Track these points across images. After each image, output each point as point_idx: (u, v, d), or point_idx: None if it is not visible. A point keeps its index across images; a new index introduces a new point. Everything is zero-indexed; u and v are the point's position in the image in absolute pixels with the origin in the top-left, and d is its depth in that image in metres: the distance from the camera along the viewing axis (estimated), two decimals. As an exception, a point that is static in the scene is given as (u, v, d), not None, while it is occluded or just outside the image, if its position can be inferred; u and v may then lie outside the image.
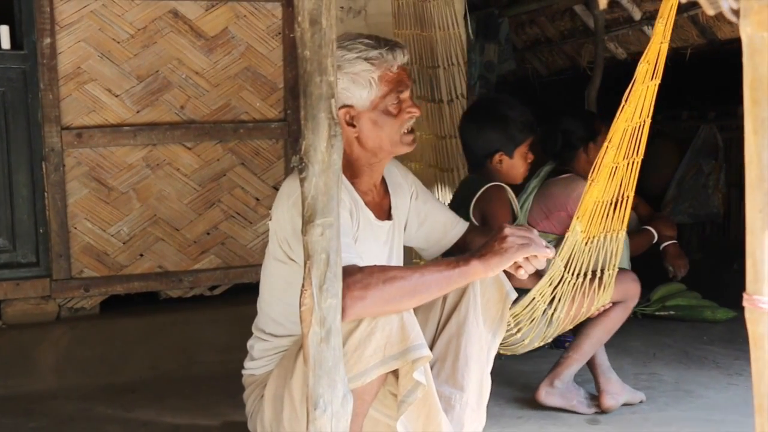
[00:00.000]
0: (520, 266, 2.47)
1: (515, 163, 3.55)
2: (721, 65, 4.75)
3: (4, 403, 3.71)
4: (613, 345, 3.58)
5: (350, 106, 2.60)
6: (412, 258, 3.61)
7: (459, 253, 2.86)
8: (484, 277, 2.44)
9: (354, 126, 2.61)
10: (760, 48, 1.36)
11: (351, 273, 2.23)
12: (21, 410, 3.61)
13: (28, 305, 4.11)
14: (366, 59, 2.57)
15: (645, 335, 4.61)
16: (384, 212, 2.78)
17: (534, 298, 3.02)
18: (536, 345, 3.28)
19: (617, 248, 3.14)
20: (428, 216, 2.96)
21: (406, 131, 2.66)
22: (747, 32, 1.37)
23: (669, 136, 6.78)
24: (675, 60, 5.66)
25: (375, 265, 2.34)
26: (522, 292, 3.15)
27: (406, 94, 2.65)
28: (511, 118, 3.58)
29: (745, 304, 1.48)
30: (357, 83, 2.58)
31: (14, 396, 3.79)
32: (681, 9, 5.23)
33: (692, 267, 4.59)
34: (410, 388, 2.40)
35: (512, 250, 2.34)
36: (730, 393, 3.66)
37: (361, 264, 2.33)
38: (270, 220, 2.65)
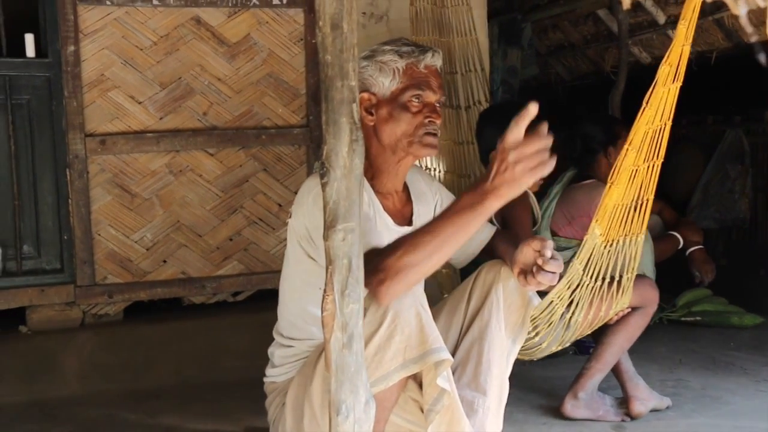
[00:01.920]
0: (532, 281, 2.48)
1: None
2: (747, 69, 4.71)
3: (29, 408, 3.74)
4: (638, 351, 3.55)
5: (372, 94, 2.62)
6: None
7: (488, 258, 2.84)
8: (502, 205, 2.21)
9: (372, 114, 2.62)
10: (785, 48, 1.34)
11: (368, 261, 2.23)
12: (45, 416, 3.63)
13: (52, 311, 4.14)
14: (397, 51, 2.62)
15: (671, 341, 4.58)
16: (405, 219, 2.76)
17: (552, 302, 3.00)
18: (554, 349, 3.25)
19: (636, 252, 3.11)
20: None
21: (424, 133, 2.63)
22: (772, 32, 1.35)
23: (694, 141, 6.73)
24: (700, 63, 5.63)
25: (389, 245, 2.28)
26: (540, 294, 3.13)
27: (430, 97, 2.64)
28: (511, 118, 3.56)
29: (771, 307, 1.47)
30: (382, 71, 2.61)
31: (39, 401, 3.81)
32: (706, 12, 5.20)
33: (718, 272, 4.55)
34: (436, 396, 2.39)
35: (526, 175, 2.12)
36: (758, 400, 3.62)
37: (381, 245, 2.33)
38: (290, 218, 2.65)
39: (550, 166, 2.13)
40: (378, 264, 2.25)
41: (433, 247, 2.23)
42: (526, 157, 2.12)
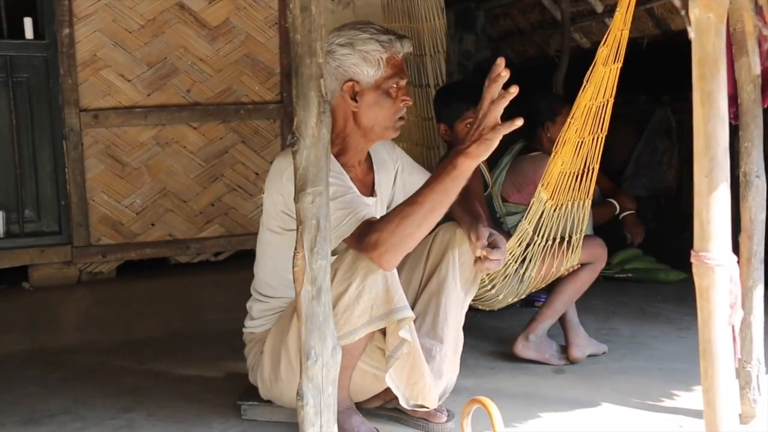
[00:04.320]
0: (481, 267, 2.49)
1: (459, 136, 3.47)
2: (674, 53, 4.73)
3: (32, 356, 3.71)
4: (576, 303, 3.57)
5: (357, 82, 2.57)
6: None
7: (446, 221, 2.84)
8: (476, 165, 2.21)
9: (356, 101, 2.58)
10: (706, 28, 1.35)
11: (366, 234, 2.24)
12: (47, 363, 3.60)
13: (52, 270, 4.11)
14: (378, 41, 2.55)
15: (605, 295, 4.62)
16: (368, 189, 2.75)
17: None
18: (510, 301, 3.27)
19: (584, 215, 3.14)
20: (413, 187, 2.90)
21: (398, 118, 2.62)
22: (695, 14, 1.35)
23: (627, 118, 6.76)
24: (632, 49, 5.63)
25: (382, 220, 2.28)
26: None
27: (403, 83, 2.63)
28: (454, 92, 3.57)
29: (692, 260, 1.48)
30: (367, 61, 2.55)
31: (41, 350, 3.78)
32: (639, 2, 5.20)
33: (648, 234, 4.60)
34: (397, 344, 2.41)
35: (490, 132, 2.12)
36: (680, 345, 3.67)
37: (372, 214, 2.35)
38: (263, 194, 2.63)
39: (516, 122, 2.12)
40: (376, 239, 2.24)
41: (422, 215, 2.22)
42: (493, 116, 2.12)
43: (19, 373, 3.48)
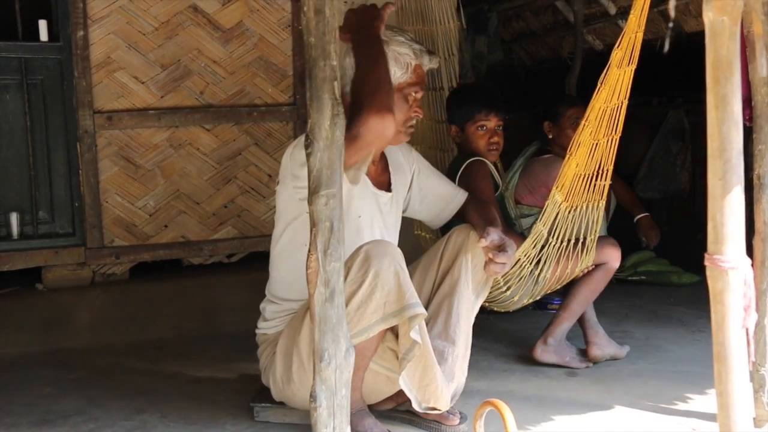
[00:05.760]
0: (489, 270, 2.55)
1: (470, 138, 3.47)
2: (688, 55, 4.72)
3: (46, 357, 3.73)
4: (593, 304, 3.56)
5: None
6: (414, 230, 3.59)
7: (462, 221, 2.86)
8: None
9: None
10: (720, 31, 1.35)
11: (354, 125, 2.33)
12: (61, 364, 3.63)
13: (65, 271, 4.12)
14: (411, 48, 2.63)
15: (619, 297, 4.60)
16: (383, 185, 2.76)
17: (519, 259, 3.02)
18: (525, 302, 3.27)
19: (598, 216, 3.14)
20: (429, 191, 2.95)
21: (409, 125, 2.67)
22: (709, 17, 1.36)
23: (640, 120, 6.73)
24: (646, 50, 5.62)
25: (353, 114, 2.34)
26: None
27: (420, 95, 2.67)
28: (466, 95, 3.56)
29: (706, 263, 1.48)
30: (398, 62, 2.60)
31: (55, 351, 3.80)
32: (652, 4, 5.19)
33: (661, 237, 4.58)
34: (409, 347, 2.42)
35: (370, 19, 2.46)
36: (694, 348, 3.66)
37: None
38: (278, 184, 2.66)
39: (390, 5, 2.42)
40: (365, 116, 2.32)
41: (374, 76, 2.38)
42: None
43: (32, 374, 3.50)
